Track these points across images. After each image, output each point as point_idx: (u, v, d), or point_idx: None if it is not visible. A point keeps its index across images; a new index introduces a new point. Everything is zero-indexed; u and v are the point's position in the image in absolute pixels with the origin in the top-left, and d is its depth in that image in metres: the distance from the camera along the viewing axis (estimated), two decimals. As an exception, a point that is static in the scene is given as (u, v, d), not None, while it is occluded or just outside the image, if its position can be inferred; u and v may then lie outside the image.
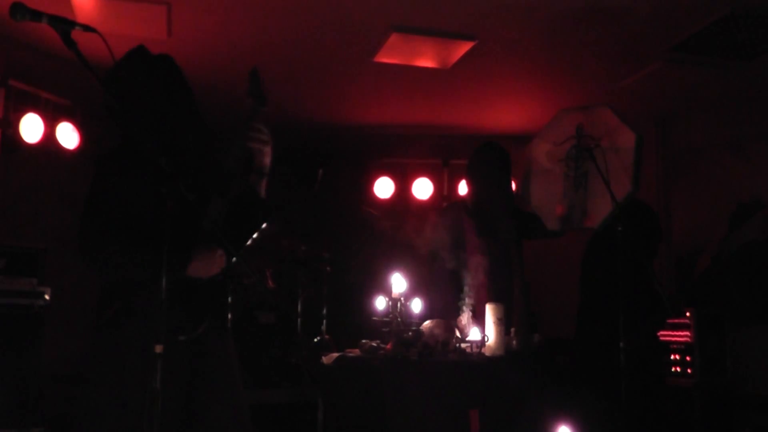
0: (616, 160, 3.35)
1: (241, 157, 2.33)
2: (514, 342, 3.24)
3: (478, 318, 3.33)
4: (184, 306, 2.11)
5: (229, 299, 2.30)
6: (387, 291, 3.10)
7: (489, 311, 3.18)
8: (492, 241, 3.69)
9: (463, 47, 4.37)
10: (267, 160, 2.38)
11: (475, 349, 3.13)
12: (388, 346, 3.00)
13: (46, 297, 4.17)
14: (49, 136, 4.89)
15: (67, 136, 4.99)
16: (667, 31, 4.11)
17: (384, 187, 6.43)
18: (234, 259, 2.20)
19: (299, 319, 5.38)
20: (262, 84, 2.36)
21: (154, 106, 2.22)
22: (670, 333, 4.58)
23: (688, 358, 4.50)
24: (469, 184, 3.86)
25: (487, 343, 3.14)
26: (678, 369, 4.53)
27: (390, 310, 3.06)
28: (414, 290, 3.20)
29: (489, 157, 3.76)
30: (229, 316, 2.33)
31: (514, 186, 3.91)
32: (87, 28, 1.81)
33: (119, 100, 2.18)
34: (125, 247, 2.06)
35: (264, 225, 2.40)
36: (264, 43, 4.42)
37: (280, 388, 4.77)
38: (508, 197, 3.81)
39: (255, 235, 2.39)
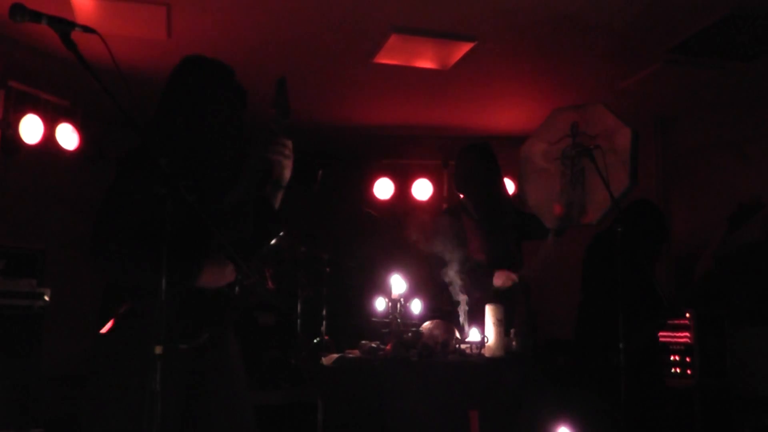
0: (613, 156, 3.35)
1: (260, 169, 2.31)
2: (514, 343, 3.23)
3: (478, 319, 3.33)
4: (187, 314, 2.10)
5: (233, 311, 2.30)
6: (387, 292, 3.10)
7: (489, 312, 3.18)
8: (492, 242, 3.69)
9: (463, 48, 4.37)
10: (287, 173, 2.35)
11: (474, 350, 3.13)
12: (388, 347, 3.00)
13: (46, 298, 4.17)
14: (49, 137, 4.89)
15: (67, 137, 4.99)
16: (667, 32, 4.11)
17: (384, 188, 6.43)
18: (242, 272, 2.20)
19: (299, 320, 5.38)
20: (287, 95, 2.33)
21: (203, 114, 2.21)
22: (670, 334, 4.58)
23: (687, 359, 4.50)
24: (459, 190, 3.86)
25: (486, 344, 3.14)
26: (678, 370, 4.53)
27: (390, 311, 3.06)
28: (414, 291, 3.20)
29: (473, 160, 3.76)
30: (231, 321, 2.32)
31: (510, 183, 3.91)
32: (87, 29, 1.80)
33: (173, 103, 2.19)
34: (138, 251, 2.04)
35: (274, 240, 2.39)
36: (264, 44, 4.42)
37: (279, 389, 4.77)
38: (503, 196, 3.81)
39: (266, 245, 2.38)
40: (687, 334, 4.53)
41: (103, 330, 2.11)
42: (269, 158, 2.32)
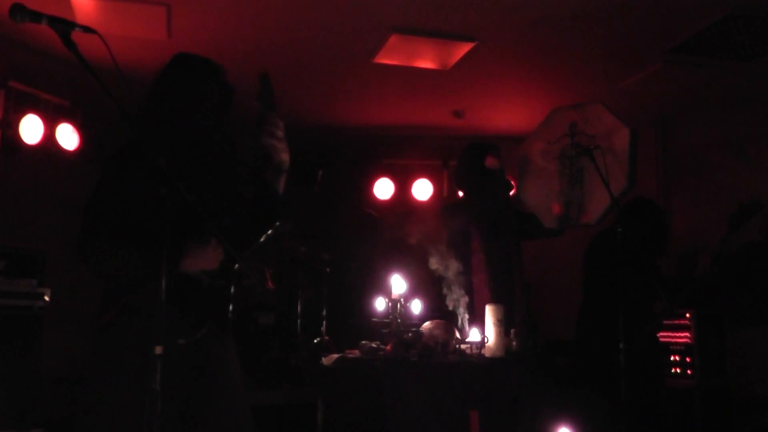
0: (611, 156, 3.35)
1: (253, 157, 2.32)
2: (514, 343, 3.23)
3: (478, 319, 3.33)
4: (185, 309, 2.11)
5: (231, 306, 2.30)
6: (387, 292, 3.10)
7: (489, 312, 3.19)
8: (492, 241, 3.69)
9: (463, 48, 4.37)
10: (284, 156, 2.37)
11: (474, 351, 3.13)
12: (388, 347, 3.00)
13: (46, 298, 4.17)
14: (49, 137, 4.89)
15: (67, 137, 4.99)
16: (667, 33, 4.11)
17: (384, 188, 6.43)
18: (233, 260, 2.20)
19: (299, 320, 5.37)
20: (271, 88, 2.34)
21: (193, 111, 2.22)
22: (670, 334, 4.57)
23: (688, 359, 4.49)
24: (460, 187, 3.86)
25: (486, 344, 3.14)
26: (678, 370, 4.53)
27: (390, 311, 3.06)
28: (414, 291, 3.20)
29: (478, 159, 3.76)
30: (230, 318, 2.33)
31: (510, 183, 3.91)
32: (87, 29, 1.81)
33: (160, 102, 2.19)
34: (122, 247, 2.06)
35: (277, 223, 2.40)
36: (264, 44, 4.42)
37: (279, 389, 4.76)
38: (503, 195, 3.81)
39: (269, 233, 2.39)
40: (687, 334, 4.53)
41: (102, 323, 2.11)
42: (263, 145, 2.33)
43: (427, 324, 3.22)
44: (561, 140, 3.59)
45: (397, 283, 3.09)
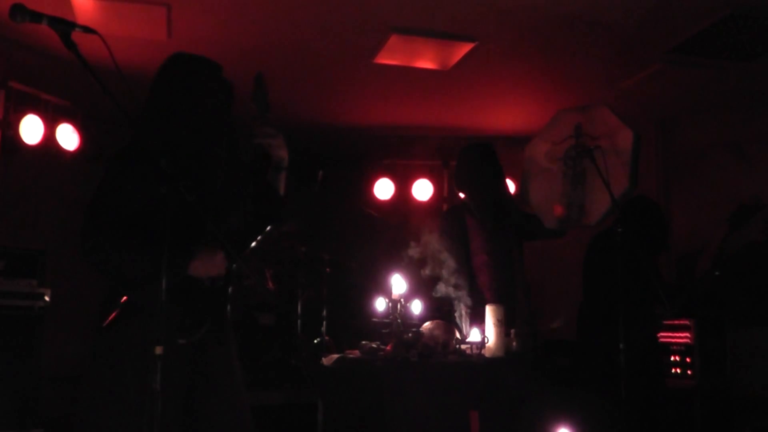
0: (614, 158, 3.35)
1: (252, 157, 2.34)
2: (514, 343, 3.24)
3: (479, 319, 3.33)
4: (185, 309, 2.11)
5: (229, 307, 2.31)
6: (387, 292, 3.10)
7: (489, 312, 3.19)
8: (494, 241, 3.69)
9: (463, 49, 4.37)
10: (282, 153, 2.38)
11: (475, 351, 3.13)
12: (388, 348, 3.00)
13: (46, 298, 4.17)
14: (49, 137, 4.89)
15: (67, 137, 4.99)
16: (667, 33, 4.11)
17: (384, 189, 6.43)
18: (235, 263, 2.21)
19: (299, 321, 5.37)
20: (266, 90, 2.36)
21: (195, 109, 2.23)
22: (671, 334, 4.58)
23: (688, 360, 4.49)
24: (460, 189, 3.86)
25: (487, 345, 3.15)
26: (678, 370, 4.53)
27: (390, 311, 3.06)
28: (414, 292, 3.20)
29: (476, 159, 3.76)
30: (229, 318, 2.33)
31: (511, 184, 3.91)
32: (87, 30, 1.81)
33: (160, 99, 2.20)
34: (126, 244, 2.06)
35: (276, 222, 2.41)
36: (264, 44, 4.42)
37: (280, 390, 4.76)
38: (505, 196, 3.81)
39: (267, 231, 2.40)
40: (687, 334, 4.53)
41: (105, 323, 2.11)
42: (257, 144, 2.34)
43: (427, 324, 3.22)
44: (566, 141, 3.60)
45: (397, 283, 3.09)
